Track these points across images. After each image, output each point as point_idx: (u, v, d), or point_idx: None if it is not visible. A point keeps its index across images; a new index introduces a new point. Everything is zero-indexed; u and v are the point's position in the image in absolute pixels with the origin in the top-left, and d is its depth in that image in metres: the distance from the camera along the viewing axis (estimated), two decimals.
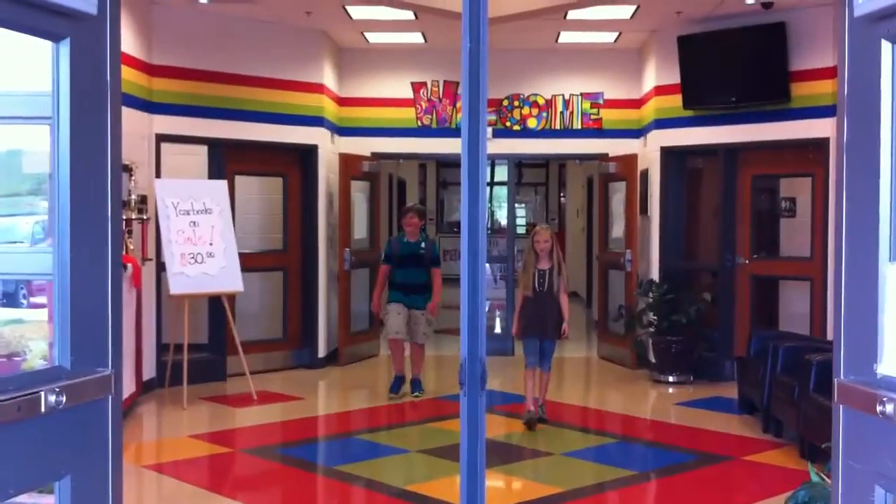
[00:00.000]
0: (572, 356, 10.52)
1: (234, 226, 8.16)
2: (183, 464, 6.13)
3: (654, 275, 9.26)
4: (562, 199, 20.47)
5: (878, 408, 2.17)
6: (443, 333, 11.03)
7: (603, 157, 10.48)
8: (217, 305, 8.36)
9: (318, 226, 9.56)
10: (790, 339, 6.99)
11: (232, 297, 8.25)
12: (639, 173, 9.88)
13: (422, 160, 18.06)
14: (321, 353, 9.60)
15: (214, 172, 8.73)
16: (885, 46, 2.02)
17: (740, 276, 8.89)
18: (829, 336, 6.66)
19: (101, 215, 2.25)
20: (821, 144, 8.00)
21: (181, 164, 8.75)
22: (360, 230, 10.24)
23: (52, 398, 2.15)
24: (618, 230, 10.27)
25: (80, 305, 2.27)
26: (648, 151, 9.73)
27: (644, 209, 9.69)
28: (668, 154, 9.32)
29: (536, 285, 6.97)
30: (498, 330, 11.99)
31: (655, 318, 8.84)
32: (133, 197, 7.51)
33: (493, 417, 7.10)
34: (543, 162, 19.84)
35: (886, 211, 2.18)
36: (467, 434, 2.77)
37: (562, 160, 16.70)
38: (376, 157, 10.48)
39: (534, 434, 6.79)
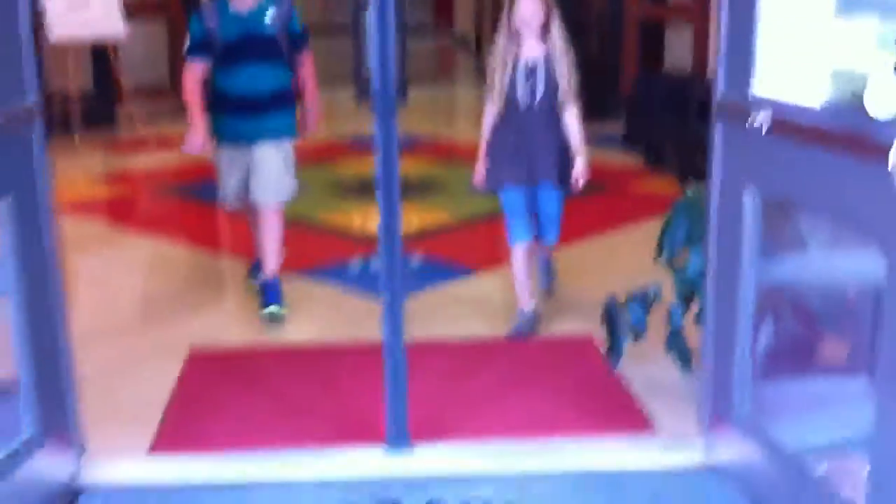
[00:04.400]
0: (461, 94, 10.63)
1: None
2: (87, 205, 6.18)
3: None
4: None
5: (751, 121, 2.44)
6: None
7: None
8: (100, 54, 8.09)
9: None
10: (673, 79, 7.30)
11: (113, 46, 7.99)
12: None
13: None
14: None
15: None
16: None
17: (628, 20, 9.03)
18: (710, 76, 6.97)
19: None
20: None
21: None
22: None
23: None
24: None
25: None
26: None
27: None
28: None
29: (520, 92, 3.82)
30: None
31: None
32: None
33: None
34: None
35: None
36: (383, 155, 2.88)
37: None
38: None
39: (441, 171, 7.01)
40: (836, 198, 2.21)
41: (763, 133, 2.41)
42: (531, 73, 3.81)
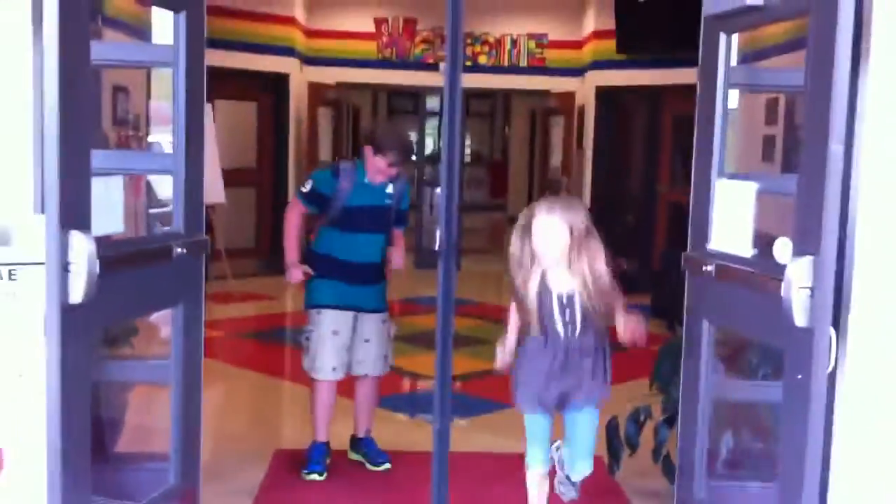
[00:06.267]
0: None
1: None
2: None
3: (586, 200, 10.49)
4: (506, 131, 21.53)
5: (704, 268, 3.40)
6: None
7: (545, 94, 11.62)
8: None
9: (289, 148, 10.60)
10: None
11: (212, 209, 9.28)
12: (576, 109, 11.04)
13: (385, 90, 18.77)
14: None
15: None
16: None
17: (660, 202, 10.16)
18: None
19: (198, 124, 3.38)
20: None
21: (166, 89, 9.63)
22: (325, 152, 11.30)
23: (179, 250, 3.27)
24: (556, 160, 11.47)
25: (190, 188, 3.39)
26: (586, 89, 10.88)
27: (580, 142, 10.88)
28: (602, 93, 10.48)
29: (558, 324, 3.49)
30: None
31: None
32: (130, 116, 8.43)
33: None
34: (490, 95, 20.77)
35: (718, 146, 3.40)
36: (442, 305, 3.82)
37: (507, 94, 17.74)
38: (341, 86, 11.46)
39: (488, 329, 7.97)
40: (757, 322, 3.12)
41: (711, 276, 3.35)
42: (566, 307, 3.45)
